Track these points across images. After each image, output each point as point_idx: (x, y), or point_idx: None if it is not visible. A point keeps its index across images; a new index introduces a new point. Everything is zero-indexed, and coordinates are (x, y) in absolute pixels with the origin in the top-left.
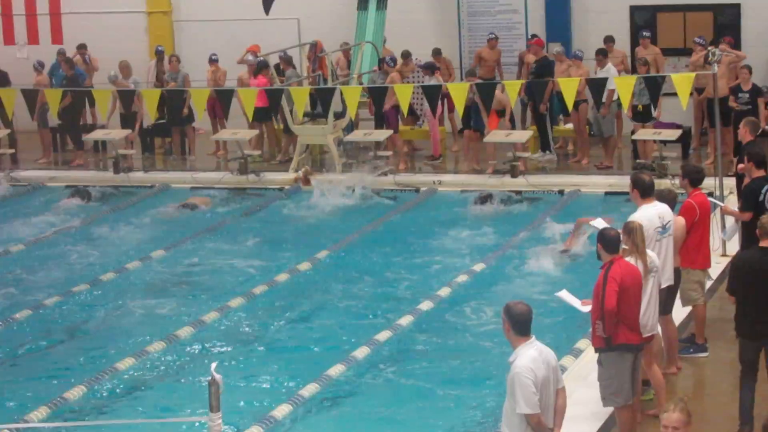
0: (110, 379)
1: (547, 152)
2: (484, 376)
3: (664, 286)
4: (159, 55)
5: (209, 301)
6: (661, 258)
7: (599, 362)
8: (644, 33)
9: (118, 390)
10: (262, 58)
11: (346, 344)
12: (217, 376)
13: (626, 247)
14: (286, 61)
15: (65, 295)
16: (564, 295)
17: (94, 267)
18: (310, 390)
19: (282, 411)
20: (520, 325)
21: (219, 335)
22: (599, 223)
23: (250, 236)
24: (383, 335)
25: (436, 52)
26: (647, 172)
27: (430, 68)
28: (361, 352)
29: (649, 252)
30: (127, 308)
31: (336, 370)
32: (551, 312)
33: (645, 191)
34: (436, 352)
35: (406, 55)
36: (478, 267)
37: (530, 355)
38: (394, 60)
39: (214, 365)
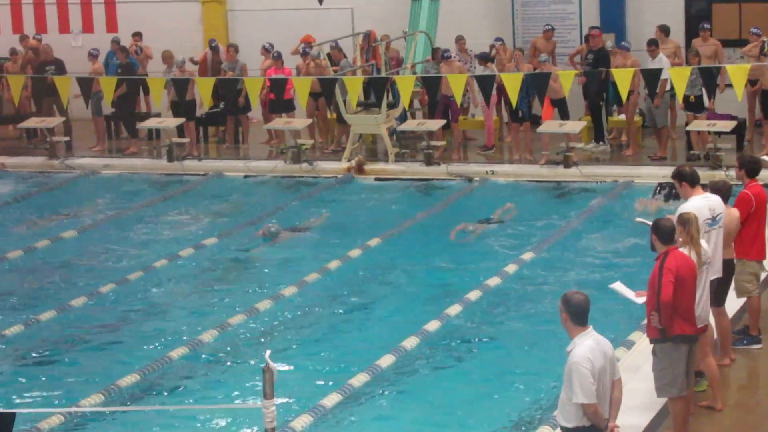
0: (164, 368)
1: (601, 143)
2: (539, 365)
3: (713, 278)
4: (213, 49)
5: (262, 289)
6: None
7: (654, 353)
8: (705, 25)
9: (171, 378)
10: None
11: (396, 334)
12: (272, 364)
13: (681, 238)
14: (339, 50)
15: (119, 283)
16: (617, 286)
17: (147, 254)
18: (359, 379)
19: (332, 400)
20: (578, 314)
21: (271, 323)
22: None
23: (302, 225)
24: (432, 325)
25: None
26: (688, 164)
27: (484, 58)
28: (411, 342)
29: (702, 243)
30: (180, 296)
31: (386, 360)
32: (604, 304)
33: (692, 181)
34: (487, 341)
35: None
36: (527, 256)
37: (588, 345)
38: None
39: (268, 353)
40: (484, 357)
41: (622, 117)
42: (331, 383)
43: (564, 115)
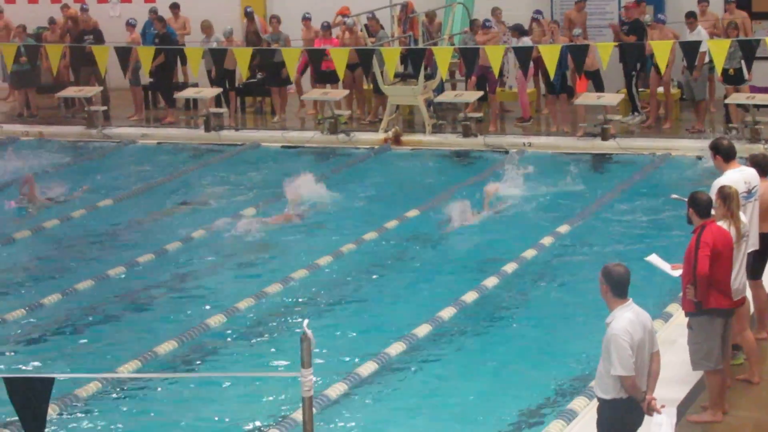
0: (201, 335)
1: (635, 113)
2: (575, 337)
3: (749, 251)
4: (249, 16)
5: (298, 258)
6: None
7: (689, 326)
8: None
9: (208, 346)
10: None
11: (433, 304)
12: (309, 333)
13: (718, 211)
14: (376, 21)
15: (157, 253)
16: (654, 259)
17: (184, 224)
18: (396, 348)
19: (367, 368)
20: (618, 287)
21: (308, 293)
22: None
23: (339, 195)
24: (470, 296)
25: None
26: (725, 137)
27: (519, 30)
28: (447, 312)
29: (741, 217)
30: (217, 265)
31: (422, 330)
32: (640, 276)
33: (727, 155)
34: (524, 313)
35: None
36: (564, 229)
37: (627, 318)
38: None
39: (306, 322)
40: (521, 328)
41: (660, 90)
42: (367, 352)
43: (598, 88)
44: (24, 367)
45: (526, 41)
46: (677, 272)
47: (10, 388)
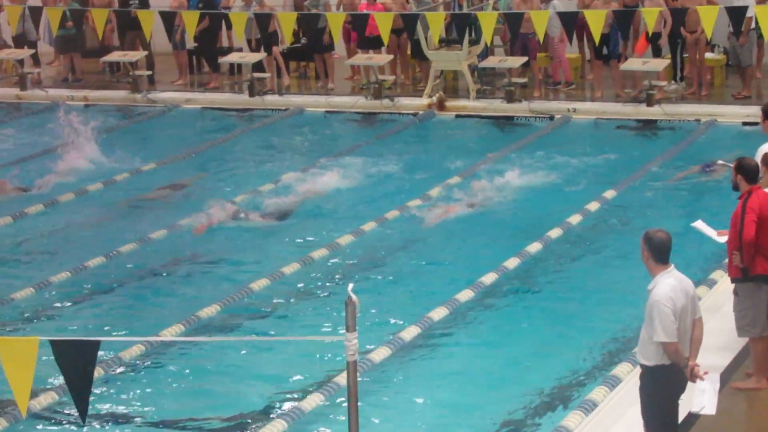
0: (245, 299)
1: (673, 82)
2: (618, 303)
3: None
4: None
5: (343, 223)
6: None
7: (735, 293)
8: None
9: (252, 309)
10: None
11: (475, 269)
12: (354, 297)
13: (764, 177)
14: None
15: (199, 217)
16: (699, 225)
17: (227, 189)
18: (438, 313)
19: (410, 332)
20: (660, 253)
21: (352, 258)
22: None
23: (383, 161)
24: (512, 262)
25: None
26: None
27: None
28: (490, 278)
29: None
30: (261, 229)
31: (464, 295)
32: (685, 242)
33: None
34: (567, 278)
35: None
36: (609, 194)
37: (669, 284)
38: None
39: (351, 286)
40: (564, 293)
41: (710, 56)
42: (410, 316)
43: (656, 51)
44: (70, 327)
45: (557, 5)
46: (723, 238)
47: (56, 351)
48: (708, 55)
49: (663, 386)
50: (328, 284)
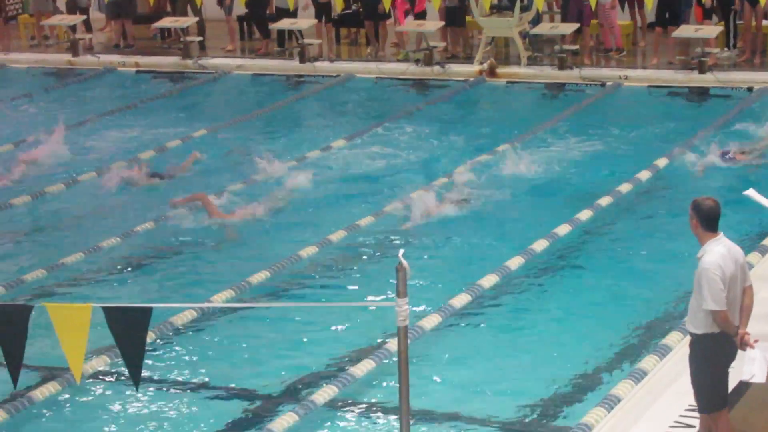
0: (293, 266)
1: (725, 50)
2: (670, 271)
3: None
4: None
5: (390, 191)
6: None
7: None
8: None
9: (301, 276)
10: None
11: (526, 237)
12: (405, 263)
13: None
14: None
15: (248, 182)
16: (752, 193)
17: (277, 155)
18: (489, 280)
19: (460, 300)
20: (708, 220)
21: (400, 225)
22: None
23: (433, 128)
24: (563, 229)
25: None
26: None
27: None
28: (540, 245)
29: None
30: (310, 196)
31: (515, 262)
32: (736, 210)
33: None
34: (618, 245)
35: None
36: (662, 162)
37: (718, 252)
38: None
39: (401, 252)
40: (613, 261)
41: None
42: (460, 283)
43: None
44: (120, 292)
45: None
46: None
47: (109, 317)
48: (765, 22)
49: (712, 355)
50: (377, 251)
